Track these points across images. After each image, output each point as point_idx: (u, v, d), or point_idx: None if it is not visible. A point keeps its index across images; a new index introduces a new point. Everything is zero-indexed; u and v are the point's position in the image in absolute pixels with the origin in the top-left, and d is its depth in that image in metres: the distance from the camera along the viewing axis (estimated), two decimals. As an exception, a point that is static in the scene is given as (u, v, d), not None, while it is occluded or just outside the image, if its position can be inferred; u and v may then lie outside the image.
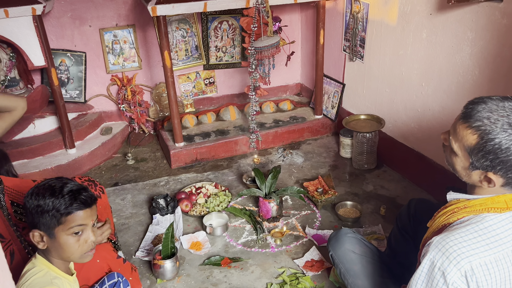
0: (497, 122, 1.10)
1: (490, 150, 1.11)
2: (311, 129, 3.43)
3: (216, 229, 2.38)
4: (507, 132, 1.09)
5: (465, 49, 2.21)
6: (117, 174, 3.08)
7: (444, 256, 1.11)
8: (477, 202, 1.19)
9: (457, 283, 1.10)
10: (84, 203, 1.39)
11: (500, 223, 1.14)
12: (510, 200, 1.16)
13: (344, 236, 1.74)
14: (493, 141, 1.10)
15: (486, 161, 1.13)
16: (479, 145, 1.13)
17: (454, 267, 1.10)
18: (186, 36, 3.50)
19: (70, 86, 3.39)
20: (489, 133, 1.11)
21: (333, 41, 3.31)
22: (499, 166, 1.12)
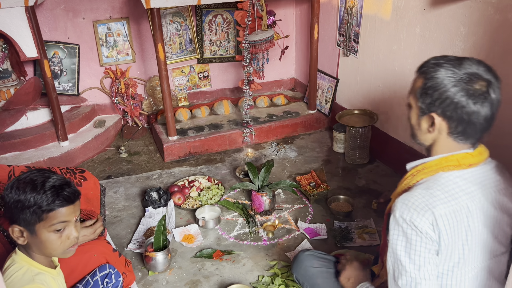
0: (438, 65, 1.22)
1: (430, 86, 1.22)
2: (304, 123, 3.44)
3: (209, 222, 2.38)
4: (447, 70, 1.20)
5: (458, 44, 2.22)
6: (110, 167, 3.07)
7: (412, 209, 1.19)
8: (433, 163, 1.28)
9: (428, 232, 1.18)
10: (67, 199, 1.33)
11: (454, 180, 1.23)
12: (462, 158, 1.24)
13: (302, 255, 1.80)
14: (432, 78, 1.21)
15: (428, 99, 1.23)
16: (423, 85, 1.24)
17: (422, 217, 1.18)
18: (180, 30, 3.49)
19: (63, 78, 3.37)
20: (431, 72, 1.22)
21: (327, 36, 3.32)
22: (437, 101, 1.21)
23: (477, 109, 1.17)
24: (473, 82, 1.17)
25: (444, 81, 1.19)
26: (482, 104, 1.17)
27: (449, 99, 1.18)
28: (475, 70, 1.19)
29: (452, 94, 1.18)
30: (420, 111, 1.27)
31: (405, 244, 1.22)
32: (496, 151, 1.45)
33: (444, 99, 1.19)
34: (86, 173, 2.11)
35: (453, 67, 1.20)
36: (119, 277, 1.66)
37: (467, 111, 1.18)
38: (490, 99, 1.18)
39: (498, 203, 1.27)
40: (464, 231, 1.21)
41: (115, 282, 1.64)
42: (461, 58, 1.23)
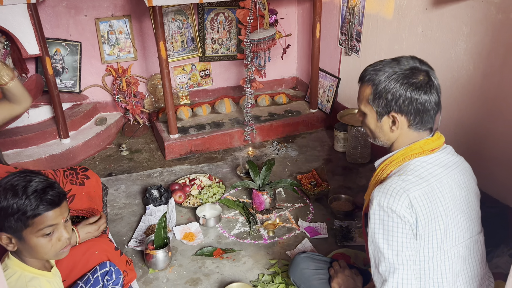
0: (380, 69, 1.33)
1: (381, 90, 1.31)
2: (306, 122, 3.44)
3: (209, 220, 2.39)
4: (387, 72, 1.30)
5: (460, 44, 2.21)
6: (111, 164, 3.07)
7: (388, 195, 1.25)
8: (399, 154, 1.35)
9: (405, 215, 1.23)
10: (52, 203, 1.27)
11: (421, 165, 1.31)
12: (424, 145, 1.33)
13: (298, 258, 1.82)
14: (380, 82, 1.31)
15: (383, 101, 1.31)
16: (373, 91, 1.33)
17: (399, 201, 1.23)
18: (182, 28, 3.49)
19: (64, 75, 3.38)
20: (375, 79, 1.32)
21: (329, 35, 3.31)
22: (393, 101, 1.29)
23: (428, 97, 1.29)
24: (416, 75, 1.29)
25: (391, 82, 1.29)
26: (430, 92, 1.29)
27: (403, 96, 1.28)
28: (412, 64, 1.31)
29: (403, 91, 1.28)
30: (378, 114, 1.36)
31: (383, 232, 1.26)
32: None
33: (398, 98, 1.29)
34: (89, 171, 2.12)
35: (393, 67, 1.31)
36: (120, 275, 1.67)
37: (421, 101, 1.28)
38: (435, 86, 1.30)
39: (464, 183, 1.35)
40: (438, 212, 1.27)
41: (115, 279, 1.64)
42: (396, 58, 1.34)
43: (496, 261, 1.87)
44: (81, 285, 1.58)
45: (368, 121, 1.40)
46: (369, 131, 1.43)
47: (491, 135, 2.15)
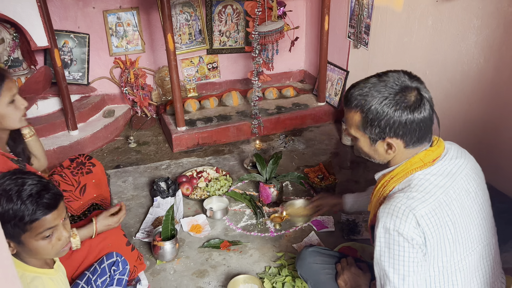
0: (367, 94, 1.24)
1: (373, 118, 1.24)
2: (313, 116, 3.42)
3: (216, 213, 2.39)
4: (376, 98, 1.22)
5: (471, 37, 2.19)
6: (119, 156, 3.09)
7: (394, 217, 1.19)
8: (400, 169, 1.30)
9: (413, 237, 1.18)
10: (49, 206, 1.23)
11: (425, 178, 1.25)
12: (424, 157, 1.28)
13: (305, 252, 1.81)
14: (370, 110, 1.24)
15: (376, 129, 1.25)
16: (364, 118, 1.26)
17: (405, 222, 1.18)
18: (190, 20, 3.48)
19: (73, 67, 3.39)
20: (365, 105, 1.24)
21: (337, 27, 3.29)
22: (387, 128, 1.24)
23: (423, 116, 1.22)
24: (407, 97, 1.21)
25: (383, 108, 1.22)
26: (424, 109, 1.22)
27: (397, 122, 1.22)
28: (402, 83, 1.23)
29: (397, 117, 1.21)
30: (371, 140, 1.30)
31: (389, 256, 1.22)
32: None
33: (392, 124, 1.22)
34: (93, 159, 2.16)
35: (381, 92, 1.23)
36: (126, 265, 1.68)
37: (416, 123, 1.22)
38: (427, 101, 1.23)
39: (471, 187, 1.30)
40: (446, 226, 1.22)
41: (122, 269, 1.65)
42: (381, 77, 1.26)
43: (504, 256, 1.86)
44: (88, 276, 1.59)
45: (360, 144, 1.34)
46: (363, 153, 1.38)
47: (502, 129, 2.13)
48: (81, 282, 1.57)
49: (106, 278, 1.61)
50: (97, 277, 1.59)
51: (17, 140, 1.79)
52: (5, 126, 1.61)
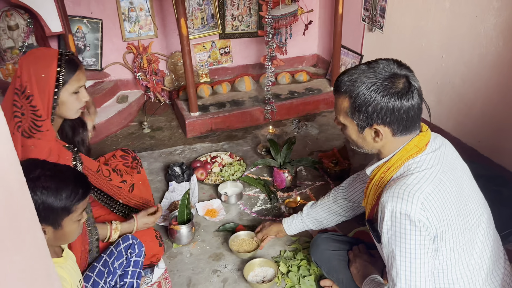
0: (356, 80, 1.24)
1: (360, 103, 1.24)
2: (327, 101, 3.41)
3: (231, 197, 2.41)
4: (365, 83, 1.23)
5: (490, 19, 2.14)
6: (133, 142, 3.12)
7: (400, 199, 1.20)
8: (396, 159, 1.30)
9: (420, 219, 1.19)
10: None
11: (421, 160, 1.27)
12: (418, 142, 1.28)
13: (318, 239, 1.82)
14: (358, 95, 1.24)
15: (363, 115, 1.25)
16: (352, 104, 1.26)
17: (412, 204, 1.19)
18: (202, 4, 3.46)
19: (86, 53, 3.40)
20: (353, 91, 1.24)
21: (352, 10, 3.24)
22: (374, 114, 1.23)
23: (410, 104, 1.22)
24: (395, 84, 1.22)
25: (371, 94, 1.22)
26: (412, 97, 1.22)
27: (385, 108, 1.22)
28: (391, 70, 1.23)
29: (385, 103, 1.21)
30: (359, 127, 1.29)
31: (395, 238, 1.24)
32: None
33: (379, 110, 1.22)
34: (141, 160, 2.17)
35: (370, 78, 1.23)
36: (142, 247, 1.70)
37: (404, 110, 1.22)
38: (415, 89, 1.23)
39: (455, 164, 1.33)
40: (450, 202, 1.24)
41: (138, 251, 1.68)
42: (371, 64, 1.26)
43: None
44: (105, 258, 1.61)
45: (349, 132, 1.34)
46: (351, 141, 1.38)
47: None
48: (98, 264, 1.59)
49: (123, 260, 1.64)
50: (114, 260, 1.62)
51: (77, 130, 1.78)
52: (62, 114, 1.61)
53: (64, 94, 1.54)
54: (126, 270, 1.64)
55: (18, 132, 1.45)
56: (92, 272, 1.54)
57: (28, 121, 1.45)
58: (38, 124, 1.46)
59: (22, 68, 1.47)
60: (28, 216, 0.58)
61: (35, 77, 1.46)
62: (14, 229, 0.54)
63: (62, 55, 1.53)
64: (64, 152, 1.58)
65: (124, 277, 1.63)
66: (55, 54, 1.52)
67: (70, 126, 1.75)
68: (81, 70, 1.59)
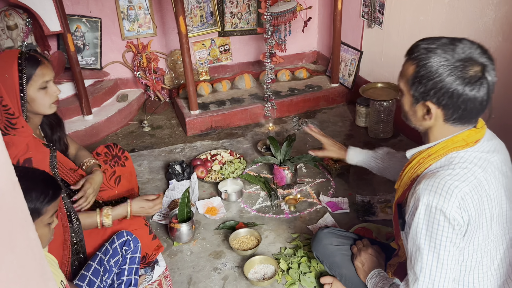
0: (431, 50, 1.17)
1: (423, 75, 1.18)
2: (327, 97, 3.40)
3: (231, 195, 2.41)
4: (437, 57, 1.16)
5: (489, 14, 2.13)
6: (133, 140, 3.12)
7: (437, 194, 1.17)
8: (439, 147, 1.25)
9: (455, 217, 1.16)
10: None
11: (465, 156, 1.22)
12: (467, 136, 1.23)
13: (321, 233, 1.81)
14: (424, 66, 1.17)
15: (421, 87, 1.19)
16: (415, 73, 1.20)
17: (449, 201, 1.16)
18: (201, 2, 3.45)
19: (86, 52, 3.40)
20: (424, 60, 1.18)
21: (351, 6, 3.23)
22: (432, 91, 1.17)
23: (474, 95, 1.15)
24: (468, 68, 1.14)
25: (438, 69, 1.15)
26: (478, 89, 1.14)
27: (445, 89, 1.15)
28: (469, 54, 1.15)
29: (447, 84, 1.14)
30: (413, 99, 1.24)
31: (426, 233, 1.21)
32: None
33: (439, 89, 1.16)
34: (126, 153, 2.18)
35: (446, 53, 1.15)
36: (138, 243, 1.69)
37: (464, 98, 1.15)
38: (487, 83, 1.15)
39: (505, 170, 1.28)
40: (486, 204, 1.21)
41: (133, 248, 1.67)
42: (455, 40, 1.18)
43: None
44: (100, 256, 1.60)
45: (404, 100, 1.29)
46: (403, 111, 1.33)
47: None
48: (94, 263, 1.58)
49: (119, 258, 1.63)
50: (109, 258, 1.60)
51: (55, 128, 1.83)
52: (35, 110, 1.65)
53: (31, 90, 1.59)
54: (123, 267, 1.63)
55: None
56: (87, 271, 1.54)
57: (3, 120, 1.52)
58: (12, 122, 1.53)
59: None
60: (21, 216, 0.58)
61: (1, 79, 1.52)
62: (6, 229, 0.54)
63: (22, 54, 1.59)
64: (42, 148, 1.63)
65: (121, 275, 1.62)
66: (15, 54, 1.58)
67: (48, 124, 1.80)
68: (44, 65, 1.63)
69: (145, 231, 1.87)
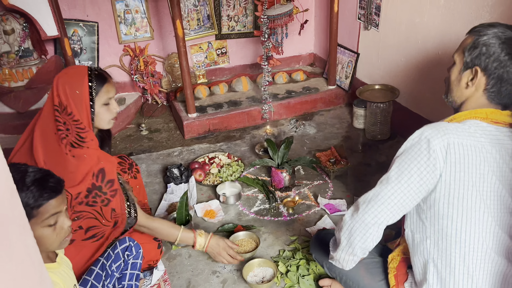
0: (491, 25, 1.30)
1: (480, 41, 1.28)
2: (324, 99, 3.41)
3: (229, 198, 2.41)
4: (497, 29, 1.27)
5: (484, 15, 2.14)
6: (131, 144, 3.12)
7: (434, 128, 1.25)
8: (462, 114, 1.33)
9: (437, 152, 1.22)
10: (54, 190, 1.25)
11: (478, 127, 1.27)
12: (491, 113, 1.29)
13: (320, 235, 1.84)
14: (483, 35, 1.28)
15: (475, 52, 1.29)
16: (473, 41, 1.30)
17: (440, 137, 1.23)
18: (198, 5, 3.46)
19: (83, 56, 3.40)
20: (482, 31, 1.29)
21: (347, 9, 3.24)
22: (484, 56, 1.27)
23: None
24: None
25: (493, 38, 1.26)
26: None
27: (494, 56, 1.26)
28: None
29: (499, 52, 1.25)
30: (464, 65, 1.32)
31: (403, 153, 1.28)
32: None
33: (490, 55, 1.26)
34: (137, 165, 2.21)
35: (505, 28, 1.27)
36: (139, 249, 1.69)
37: (508, 70, 1.25)
38: None
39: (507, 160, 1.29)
40: (476, 173, 1.23)
41: (135, 253, 1.67)
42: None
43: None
44: (102, 261, 1.60)
45: (452, 70, 1.37)
46: (447, 83, 1.41)
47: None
48: (96, 268, 1.58)
49: (121, 263, 1.63)
50: (111, 263, 1.61)
51: (105, 141, 1.88)
52: (95, 125, 1.69)
53: (96, 105, 1.64)
54: (124, 272, 1.64)
55: (62, 143, 1.55)
56: (89, 275, 1.54)
57: (74, 134, 1.57)
58: (82, 136, 1.58)
59: (58, 87, 1.57)
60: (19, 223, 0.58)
61: (71, 95, 1.57)
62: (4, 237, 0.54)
63: (92, 71, 1.64)
64: (110, 158, 1.68)
65: (122, 280, 1.63)
66: (85, 71, 1.63)
67: (99, 137, 1.83)
68: (109, 82, 1.69)
69: (153, 245, 1.89)
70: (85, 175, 1.56)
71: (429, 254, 1.34)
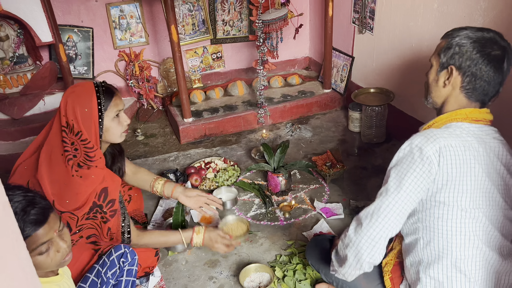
0: (462, 28, 1.38)
1: (453, 42, 1.36)
2: (319, 103, 3.41)
3: (226, 203, 2.41)
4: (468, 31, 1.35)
5: (477, 19, 2.16)
6: (127, 149, 3.11)
7: (423, 137, 1.30)
8: (443, 117, 1.39)
9: (431, 158, 1.27)
10: (37, 222, 1.18)
11: (461, 126, 1.34)
12: (470, 112, 1.36)
13: (315, 241, 1.84)
14: (455, 37, 1.37)
15: (449, 53, 1.36)
16: (447, 44, 1.38)
17: (431, 143, 1.28)
18: (193, 10, 3.46)
19: (78, 62, 3.40)
20: (454, 34, 1.38)
21: (342, 13, 3.26)
22: (457, 55, 1.34)
23: (488, 70, 1.31)
24: (489, 46, 1.31)
25: (465, 38, 1.34)
26: (496, 68, 1.31)
27: (467, 55, 1.33)
28: (493, 38, 1.33)
29: (471, 51, 1.32)
30: (440, 66, 1.39)
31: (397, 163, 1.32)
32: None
33: (463, 53, 1.33)
34: None
35: (476, 29, 1.35)
36: (135, 256, 1.69)
37: (480, 67, 1.31)
38: (503, 67, 1.32)
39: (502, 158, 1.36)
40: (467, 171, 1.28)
41: (131, 260, 1.66)
42: (483, 28, 1.37)
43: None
44: (97, 268, 1.60)
45: (430, 72, 1.44)
46: (426, 85, 1.48)
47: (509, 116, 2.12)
48: (91, 275, 1.57)
49: (116, 270, 1.63)
50: (106, 270, 1.60)
51: (116, 158, 1.89)
52: (106, 139, 1.69)
53: (106, 120, 1.63)
54: (120, 279, 1.63)
55: (69, 164, 1.55)
56: (84, 283, 1.54)
57: (82, 155, 1.56)
58: (90, 155, 1.57)
59: (67, 107, 1.55)
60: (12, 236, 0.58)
61: (80, 113, 1.55)
62: (-4, 250, 0.54)
63: (99, 87, 1.62)
64: (115, 177, 1.68)
65: (118, 286, 1.62)
66: (91, 87, 1.61)
67: (110, 153, 1.84)
68: (117, 95, 1.68)
69: (151, 253, 1.90)
70: (89, 195, 1.57)
71: (422, 254, 1.37)
